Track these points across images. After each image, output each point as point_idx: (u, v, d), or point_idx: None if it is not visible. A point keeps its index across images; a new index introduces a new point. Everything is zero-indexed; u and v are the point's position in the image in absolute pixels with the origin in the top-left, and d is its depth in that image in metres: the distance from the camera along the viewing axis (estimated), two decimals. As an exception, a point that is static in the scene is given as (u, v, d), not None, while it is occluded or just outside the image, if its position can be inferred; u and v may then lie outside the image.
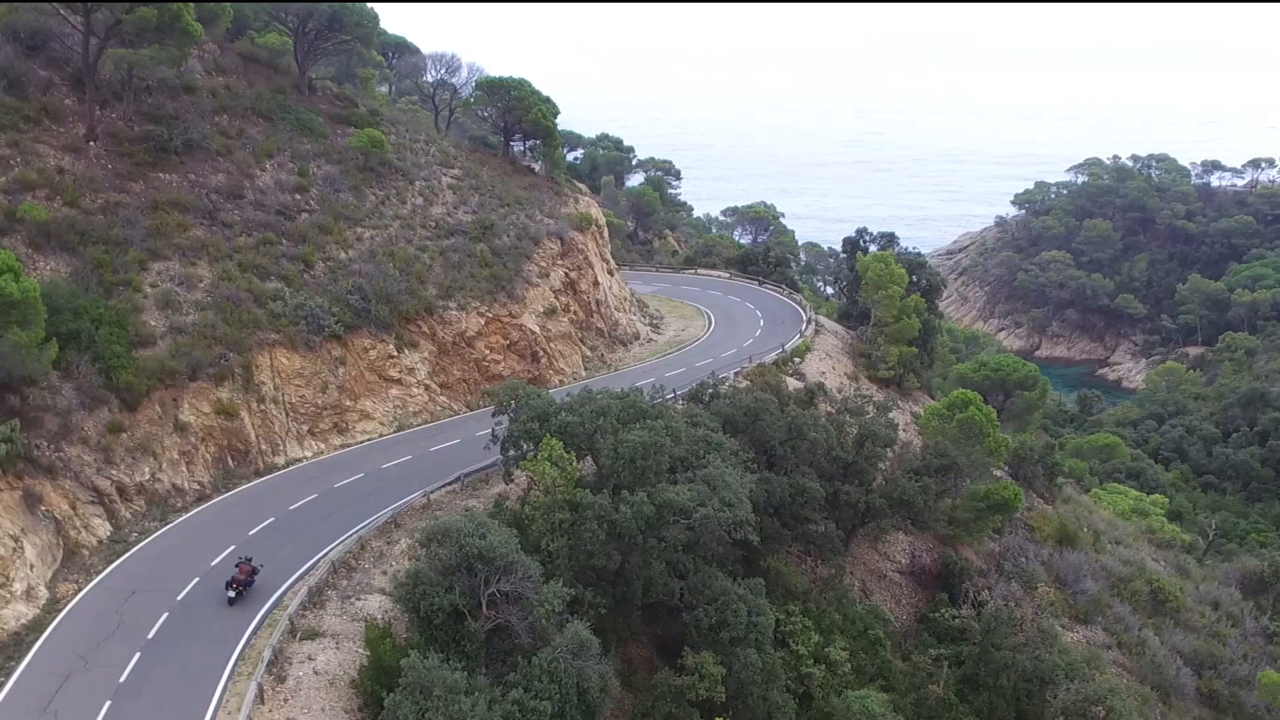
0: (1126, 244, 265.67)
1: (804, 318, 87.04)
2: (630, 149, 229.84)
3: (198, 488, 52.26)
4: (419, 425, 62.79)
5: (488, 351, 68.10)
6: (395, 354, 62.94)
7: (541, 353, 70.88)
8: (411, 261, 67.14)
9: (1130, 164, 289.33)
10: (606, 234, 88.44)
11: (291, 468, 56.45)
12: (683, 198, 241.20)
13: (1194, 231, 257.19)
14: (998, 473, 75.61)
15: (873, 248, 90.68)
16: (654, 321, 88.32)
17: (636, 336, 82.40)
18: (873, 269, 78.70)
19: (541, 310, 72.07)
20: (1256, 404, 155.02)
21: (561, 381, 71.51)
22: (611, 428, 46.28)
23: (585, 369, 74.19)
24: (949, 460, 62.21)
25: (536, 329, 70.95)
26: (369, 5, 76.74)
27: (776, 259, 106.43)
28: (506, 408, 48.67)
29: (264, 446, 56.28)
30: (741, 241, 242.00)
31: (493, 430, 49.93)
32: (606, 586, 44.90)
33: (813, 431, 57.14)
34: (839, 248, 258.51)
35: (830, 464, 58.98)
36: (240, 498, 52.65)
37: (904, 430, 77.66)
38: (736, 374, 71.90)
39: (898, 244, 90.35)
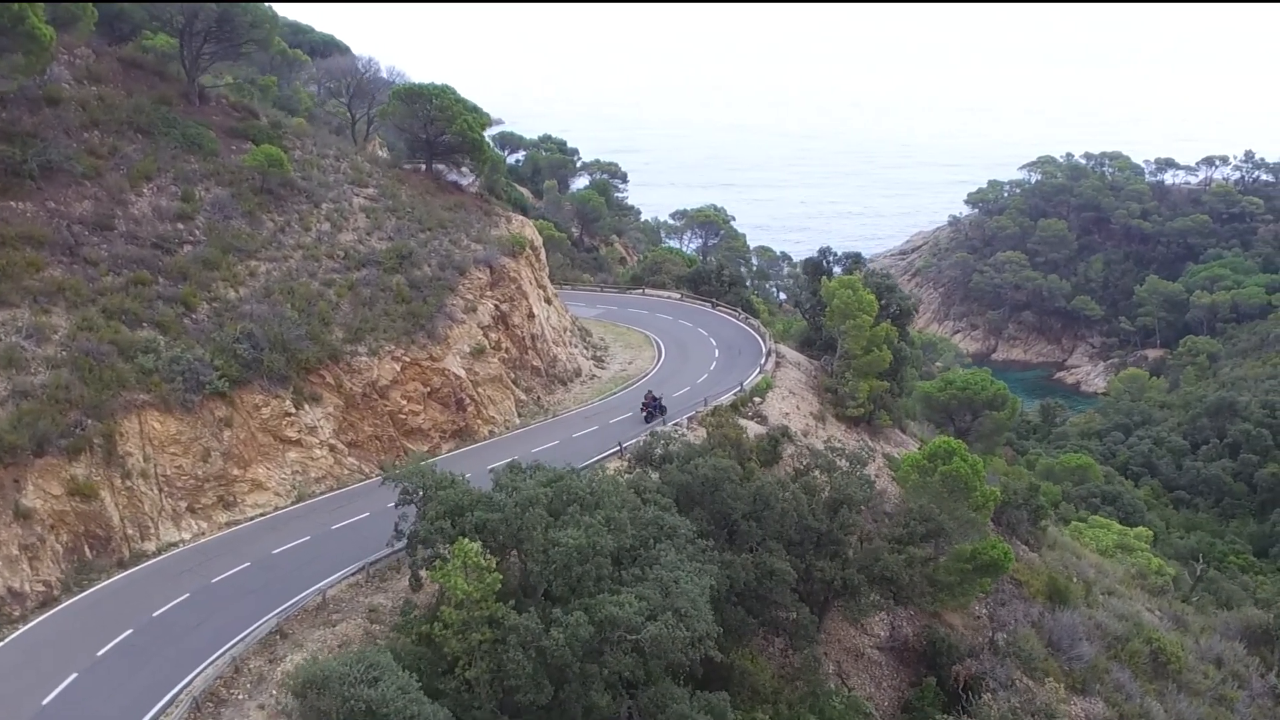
0: (1082, 244, 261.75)
1: (763, 348, 78.89)
2: (574, 151, 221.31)
3: (43, 589, 43.00)
4: (322, 494, 53.79)
5: (404, 402, 59.25)
6: (293, 411, 53.92)
7: (468, 400, 62.12)
8: (314, 299, 58.08)
9: (1084, 162, 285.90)
10: (544, 256, 79.80)
11: (164, 555, 47.26)
12: (630, 201, 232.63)
13: (1150, 231, 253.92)
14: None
15: (837, 269, 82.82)
16: (598, 353, 79.82)
17: (578, 373, 73.83)
18: (839, 296, 70.73)
19: (468, 350, 63.31)
20: (1225, 414, 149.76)
21: (492, 432, 62.83)
22: (541, 522, 37.71)
23: (519, 415, 65.51)
24: (935, 525, 54.31)
25: (462, 373, 62.17)
26: (266, 4, 67.38)
27: (730, 278, 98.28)
28: (412, 496, 39.90)
29: (130, 531, 47.07)
30: (691, 246, 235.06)
31: (396, 524, 41.16)
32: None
33: (781, 501, 48.89)
34: (790, 252, 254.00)
35: (800, 534, 50.84)
36: (96, 600, 43.41)
37: (876, 474, 69.95)
38: (691, 419, 63.63)
39: (864, 265, 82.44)
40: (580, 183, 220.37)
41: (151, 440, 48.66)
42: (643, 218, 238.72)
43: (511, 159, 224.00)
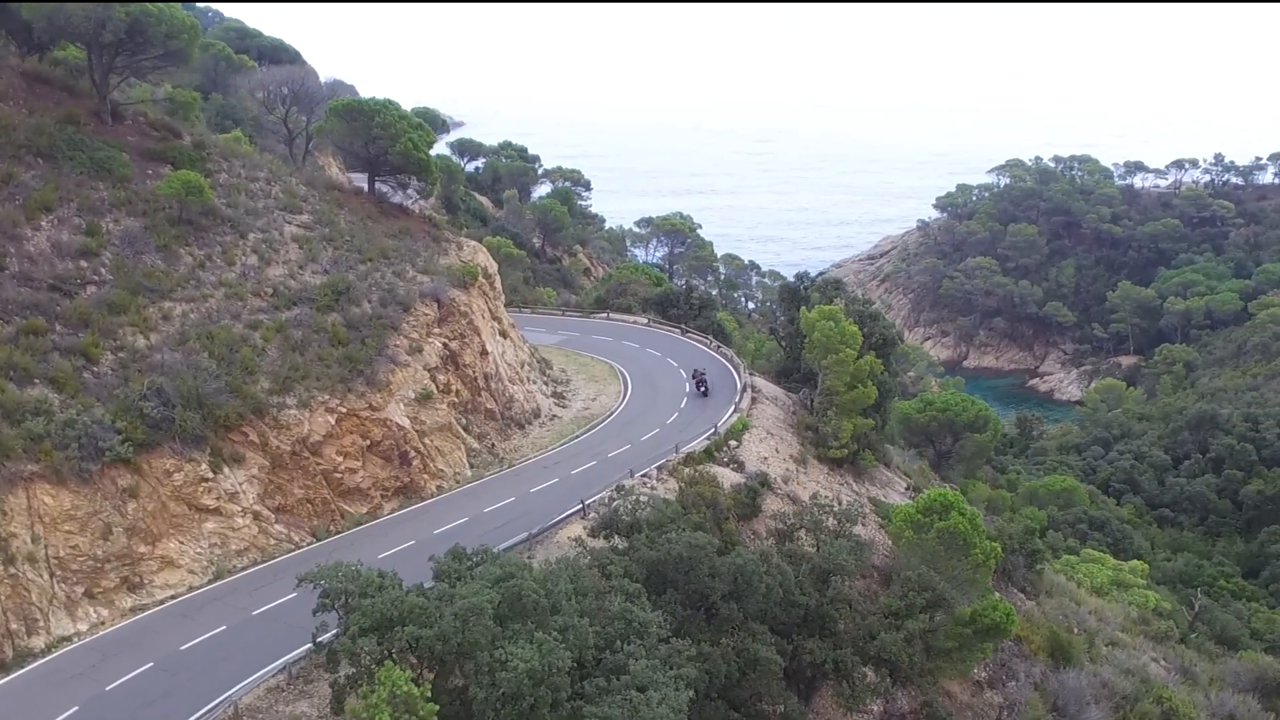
0: (1052, 248, 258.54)
1: (738, 382, 72.95)
2: (536, 158, 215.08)
3: (-99, 705, 36.50)
4: (245, 569, 47.28)
5: (341, 459, 52.87)
6: (210, 475, 47.41)
7: (413, 453, 55.82)
8: (237, 345, 51.56)
9: (1052, 165, 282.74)
10: (499, 284, 73.53)
11: (56, 653, 40.64)
12: (594, 209, 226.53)
13: (1120, 235, 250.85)
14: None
15: (814, 295, 76.89)
16: (559, 389, 73.65)
17: (537, 414, 67.61)
18: (820, 329, 64.95)
19: (413, 397, 57.00)
20: (1206, 427, 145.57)
21: (440, 487, 56.52)
22: (487, 635, 31.55)
23: (471, 466, 59.26)
24: (936, 595, 48.61)
25: (406, 422, 55.86)
26: (183, 6, 60.54)
27: (700, 301, 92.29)
28: (333, 602, 33.63)
29: (15, 626, 40.50)
30: (657, 254, 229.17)
31: (314, 634, 34.86)
32: None
33: (764, 578, 42.97)
34: (759, 261, 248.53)
35: (786, 611, 45.02)
36: (-37, 717, 37.00)
37: (862, 522, 64.36)
38: (661, 469, 57.68)
39: (845, 291, 76.71)
40: (542, 190, 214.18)
41: (41, 518, 42.14)
42: (607, 225, 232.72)
43: (471, 167, 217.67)
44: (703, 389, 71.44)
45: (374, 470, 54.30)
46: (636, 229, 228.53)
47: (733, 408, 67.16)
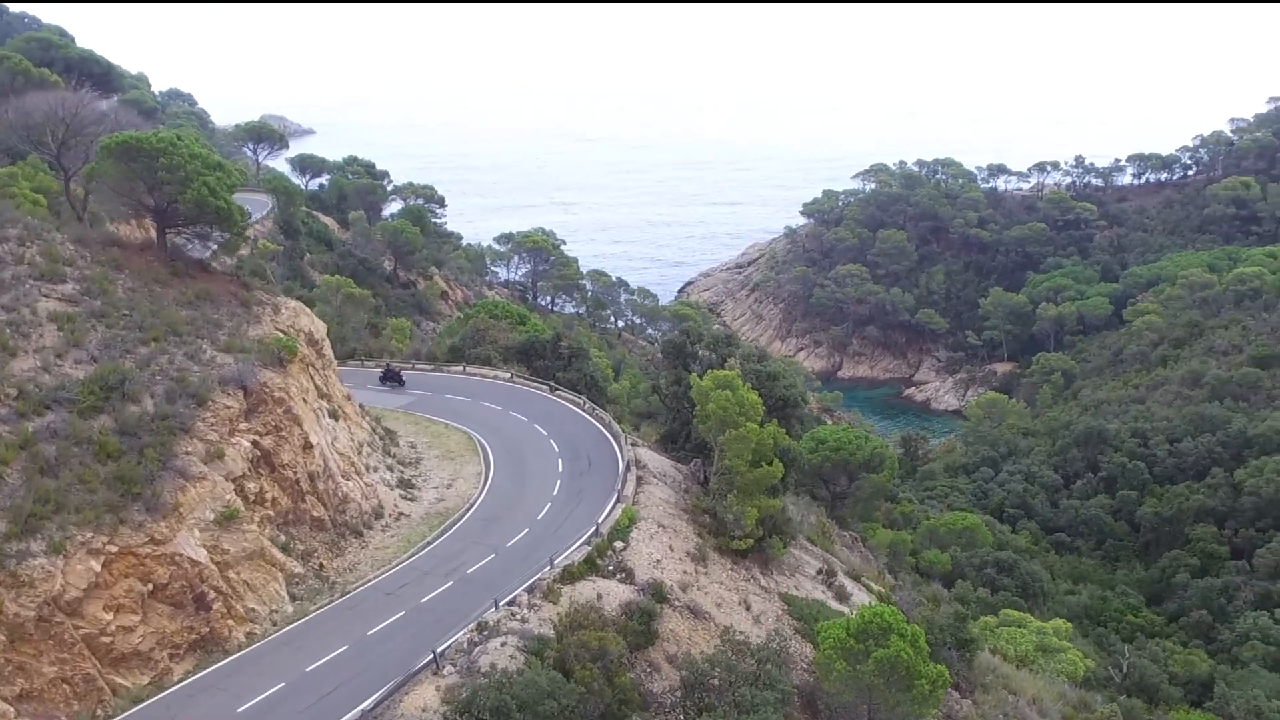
0: (921, 254, 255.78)
1: (619, 459, 62.02)
2: (384, 174, 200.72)
3: None
4: (-35, 795, 34.55)
5: (110, 616, 40.12)
6: (-90, 670, 34.40)
7: (213, 594, 43.33)
8: (-44, 476, 38.51)
9: (917, 169, 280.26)
10: (329, 350, 61.15)
11: None
12: (450, 226, 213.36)
13: (988, 240, 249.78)
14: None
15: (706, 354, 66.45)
16: (406, 473, 61.62)
17: (378, 513, 55.55)
18: (716, 400, 54.60)
19: (211, 519, 44.52)
20: (1095, 443, 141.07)
21: (251, 635, 44.10)
22: None
23: (293, 599, 46.95)
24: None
25: (202, 554, 43.36)
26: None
27: (571, 351, 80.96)
28: None
29: None
30: (520, 272, 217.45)
31: None
32: None
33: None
34: (628, 278, 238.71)
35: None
36: None
37: (774, 620, 54.39)
38: (534, 591, 46.46)
39: (738, 345, 66.53)
40: (394, 208, 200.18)
41: None
42: (465, 242, 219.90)
43: (314, 184, 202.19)
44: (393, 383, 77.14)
45: (159, 624, 41.67)
46: (497, 246, 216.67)
47: (615, 496, 56.20)
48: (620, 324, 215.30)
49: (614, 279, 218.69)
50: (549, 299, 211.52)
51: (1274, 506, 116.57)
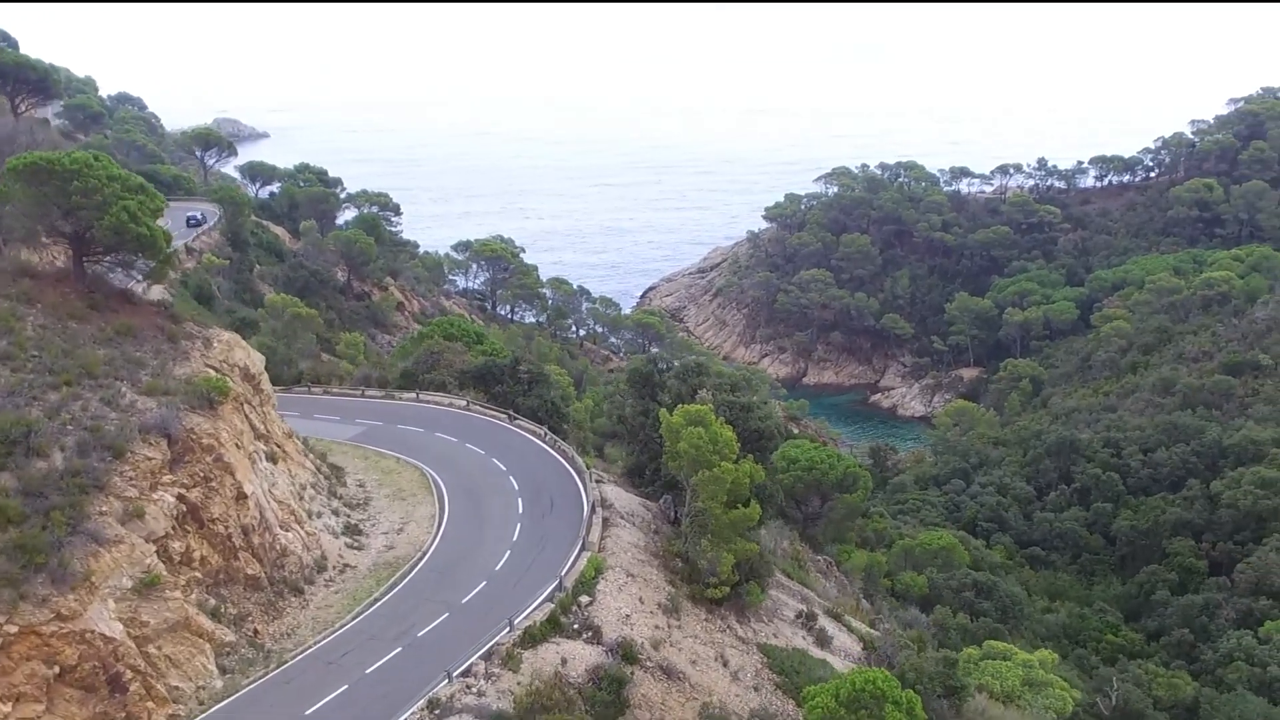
0: (885, 258, 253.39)
1: (584, 499, 57.62)
2: (337, 181, 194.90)
3: None
4: None
5: (8, 708, 35.33)
6: None
7: (130, 674, 38.60)
8: None
9: (879, 172, 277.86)
10: (267, 385, 56.41)
11: None
12: (406, 234, 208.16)
13: (953, 244, 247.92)
14: None
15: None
16: (353, 517, 56.96)
17: (322, 565, 50.86)
18: (687, 437, 50.45)
19: (129, 587, 39.81)
20: (1067, 453, 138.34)
21: (174, 718, 39.45)
22: None
23: (223, 671, 42.25)
24: None
25: (117, 629, 38.63)
26: None
27: (531, 375, 76.39)
28: None
29: None
30: (478, 280, 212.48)
31: None
32: None
33: None
34: (589, 286, 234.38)
35: None
36: None
37: (754, 676, 50.40)
38: (490, 658, 42.14)
39: (708, 374, 62.21)
40: (348, 216, 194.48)
41: None
42: (422, 250, 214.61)
43: (265, 192, 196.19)
44: None
45: (67, 711, 36.90)
46: (454, 254, 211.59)
47: (580, 543, 51.86)
48: (582, 333, 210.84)
49: (575, 287, 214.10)
50: (509, 308, 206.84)
51: (1251, 519, 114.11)
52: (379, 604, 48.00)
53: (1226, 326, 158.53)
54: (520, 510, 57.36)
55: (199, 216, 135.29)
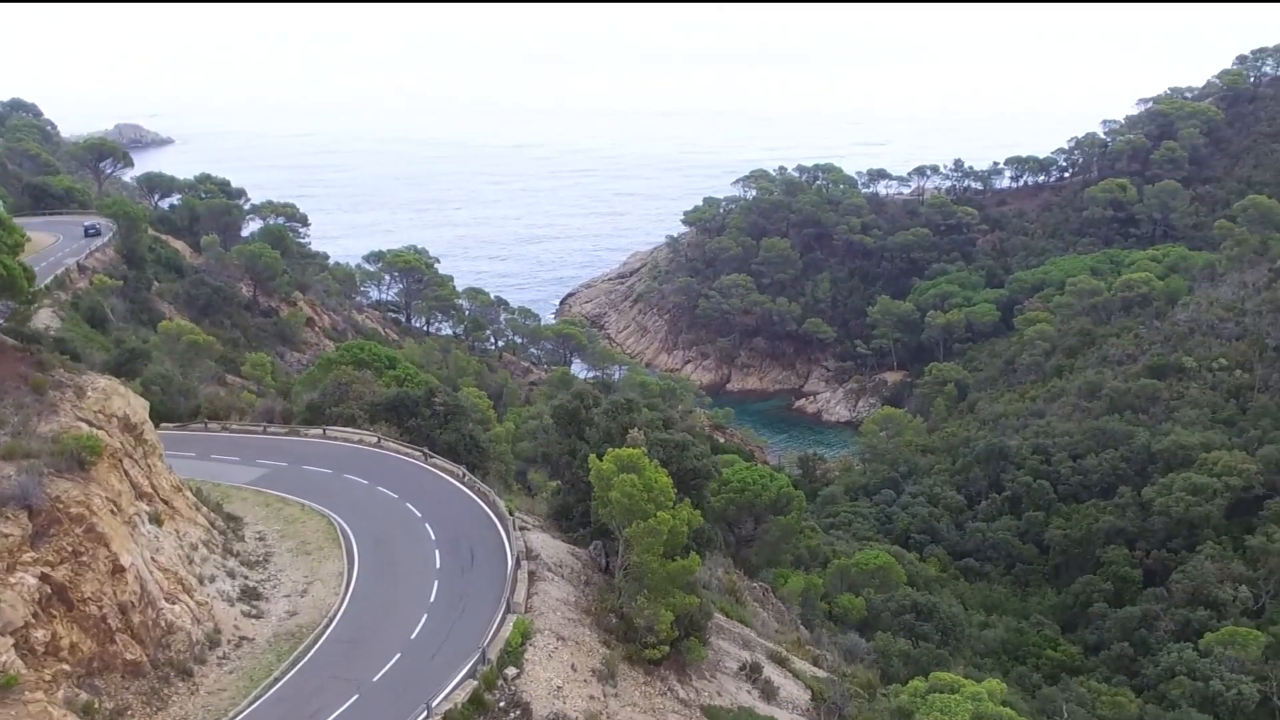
0: (806, 261, 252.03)
1: (508, 549, 52.76)
2: (241, 192, 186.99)
3: None
4: None
5: None
6: None
7: (-23, 797, 33.10)
8: None
9: (797, 175, 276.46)
10: (150, 433, 50.60)
11: None
12: (315, 245, 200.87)
13: (872, 246, 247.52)
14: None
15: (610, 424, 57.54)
16: (251, 579, 51.39)
17: (214, 641, 45.33)
18: (620, 486, 46.00)
19: (-23, 690, 34.22)
20: (996, 460, 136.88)
21: (32, 845, 33.96)
22: None
23: (94, 781, 36.79)
24: None
25: (-38, 744, 33.08)
26: None
27: (447, 408, 71.27)
28: None
29: None
30: (392, 292, 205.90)
31: None
32: None
33: None
34: (507, 296, 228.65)
35: None
36: None
37: (695, 744, 46.16)
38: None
39: (639, 409, 57.72)
40: (254, 227, 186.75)
41: None
42: (332, 262, 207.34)
43: (164, 204, 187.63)
44: None
45: None
46: (366, 264, 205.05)
47: (504, 604, 47.08)
48: (500, 344, 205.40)
49: (492, 297, 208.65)
50: (424, 320, 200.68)
51: (1184, 526, 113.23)
52: (280, 684, 42.67)
53: (1149, 328, 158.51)
54: (437, 564, 52.32)
55: (97, 226, 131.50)
